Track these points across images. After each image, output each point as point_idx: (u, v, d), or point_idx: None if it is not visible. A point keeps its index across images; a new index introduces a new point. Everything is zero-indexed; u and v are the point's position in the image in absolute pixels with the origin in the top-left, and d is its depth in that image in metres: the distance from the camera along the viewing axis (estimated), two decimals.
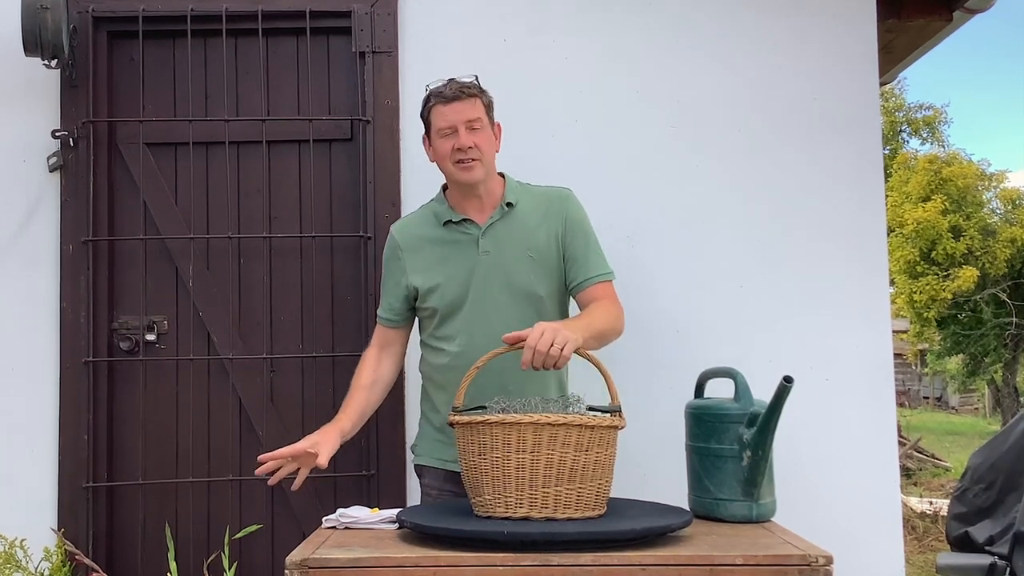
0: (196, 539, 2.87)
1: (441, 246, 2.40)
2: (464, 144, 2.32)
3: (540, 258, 2.37)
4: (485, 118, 2.37)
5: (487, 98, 2.40)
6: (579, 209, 2.44)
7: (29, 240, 2.92)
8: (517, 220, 2.39)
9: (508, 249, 2.37)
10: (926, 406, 25.73)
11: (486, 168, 2.37)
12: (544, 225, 2.39)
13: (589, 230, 2.44)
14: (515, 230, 2.38)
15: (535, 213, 2.40)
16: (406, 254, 2.42)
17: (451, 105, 2.34)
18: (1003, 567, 2.91)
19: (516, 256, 2.37)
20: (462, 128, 2.33)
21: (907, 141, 19.82)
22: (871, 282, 2.93)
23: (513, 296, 2.35)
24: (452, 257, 2.38)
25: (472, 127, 2.34)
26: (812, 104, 2.97)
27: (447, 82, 2.37)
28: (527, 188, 2.46)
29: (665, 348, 2.88)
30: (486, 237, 2.37)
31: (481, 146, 2.34)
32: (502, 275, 2.36)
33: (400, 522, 2.01)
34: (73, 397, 2.87)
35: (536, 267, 2.37)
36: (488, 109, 2.39)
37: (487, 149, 2.37)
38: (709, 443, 2.16)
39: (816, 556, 1.77)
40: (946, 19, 3.59)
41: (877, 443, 2.88)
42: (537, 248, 2.37)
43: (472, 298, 2.36)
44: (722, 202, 2.94)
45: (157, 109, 3.02)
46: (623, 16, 2.98)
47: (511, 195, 2.41)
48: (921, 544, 7.03)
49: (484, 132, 2.36)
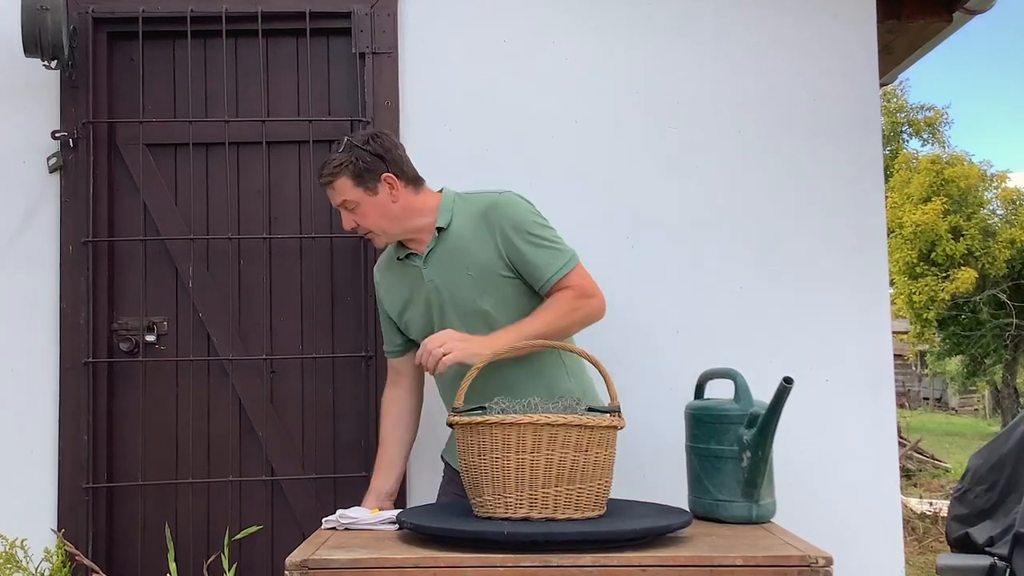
0: (196, 539, 2.87)
1: (402, 282, 2.44)
2: (347, 228, 2.40)
3: (479, 273, 2.33)
4: (354, 193, 2.32)
5: (355, 167, 2.31)
6: (511, 212, 2.32)
7: (29, 241, 2.92)
8: (452, 241, 2.36)
9: (449, 272, 2.36)
10: (926, 407, 25.74)
11: (385, 234, 2.38)
12: (480, 239, 2.33)
13: (530, 228, 2.31)
14: (451, 252, 2.36)
15: (469, 229, 2.35)
16: (382, 291, 2.50)
17: (326, 191, 2.39)
18: (1003, 568, 2.91)
19: (457, 277, 2.35)
20: (341, 210, 2.38)
21: (908, 142, 19.84)
22: (871, 283, 2.93)
23: (463, 316, 2.34)
24: (410, 291, 2.42)
25: (346, 207, 2.35)
26: (812, 105, 2.97)
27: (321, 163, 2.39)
28: (465, 201, 2.39)
29: (665, 348, 2.88)
30: (428, 266, 2.38)
31: (362, 223, 2.36)
32: (449, 298, 2.36)
33: (400, 523, 2.01)
34: (73, 398, 2.87)
35: (476, 283, 2.33)
36: (360, 178, 2.31)
37: (375, 220, 2.34)
38: (709, 444, 2.16)
39: (816, 557, 1.77)
40: (946, 20, 3.59)
41: (877, 444, 2.88)
42: (475, 264, 2.33)
43: (435, 327, 2.37)
44: (722, 202, 2.94)
45: (157, 110, 3.02)
46: (623, 17, 2.98)
47: (443, 217, 2.36)
48: (921, 545, 7.03)
49: (361, 207, 2.33)
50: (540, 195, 2.90)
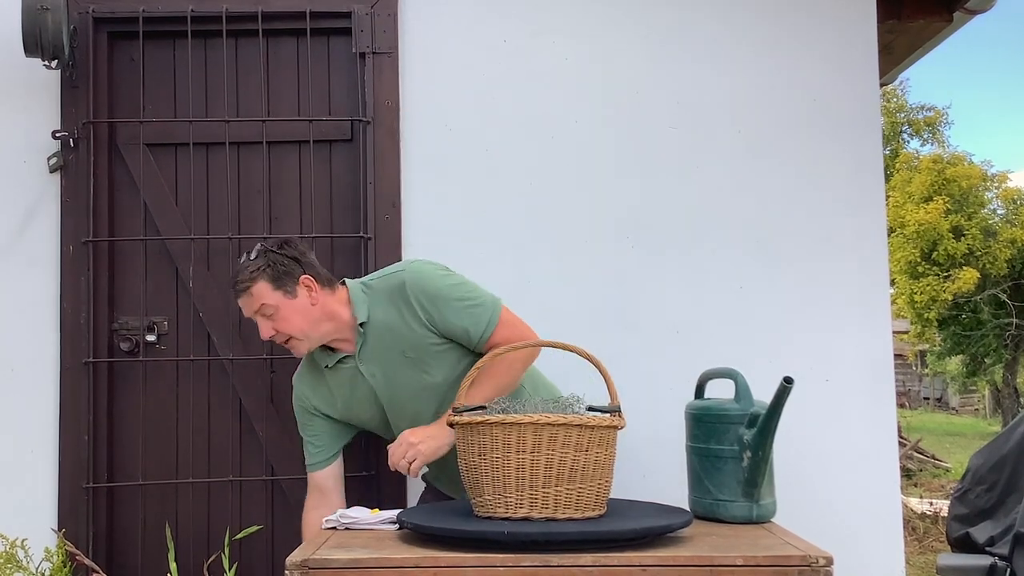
0: (196, 539, 2.87)
1: (338, 387, 2.43)
2: (264, 336, 2.36)
3: (417, 353, 2.34)
4: (273, 297, 2.31)
5: (273, 270, 2.31)
6: (423, 285, 2.32)
7: (29, 241, 2.92)
8: (378, 331, 2.35)
9: (387, 361, 2.36)
10: (926, 407, 25.73)
11: (307, 339, 2.35)
12: (404, 321, 2.33)
13: (446, 295, 2.32)
14: (382, 341, 2.35)
15: (391, 314, 2.34)
16: (314, 401, 2.47)
17: (237, 301, 2.36)
18: (1003, 568, 2.91)
19: (396, 363, 2.35)
20: (257, 318, 2.34)
21: (908, 142, 19.84)
22: (871, 282, 2.93)
23: (413, 398, 2.36)
24: (351, 392, 2.42)
25: (264, 314, 2.32)
26: (812, 105, 2.97)
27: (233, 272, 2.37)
28: (373, 290, 2.38)
29: (665, 348, 2.88)
30: (364, 363, 2.38)
31: (283, 329, 2.33)
32: (395, 385, 2.37)
33: (400, 523, 2.01)
34: (73, 398, 2.87)
35: (417, 362, 2.35)
36: (278, 281, 2.31)
37: (292, 326, 2.32)
38: (709, 444, 2.16)
39: (816, 557, 1.77)
40: (946, 20, 3.60)
41: (877, 444, 2.88)
42: (410, 346, 2.34)
43: (391, 416, 2.40)
44: (722, 202, 2.94)
45: (157, 110, 3.02)
46: (623, 17, 2.98)
47: (361, 311, 2.35)
48: (921, 545, 7.02)
49: (280, 311, 2.31)
50: (540, 195, 2.93)
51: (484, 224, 2.92)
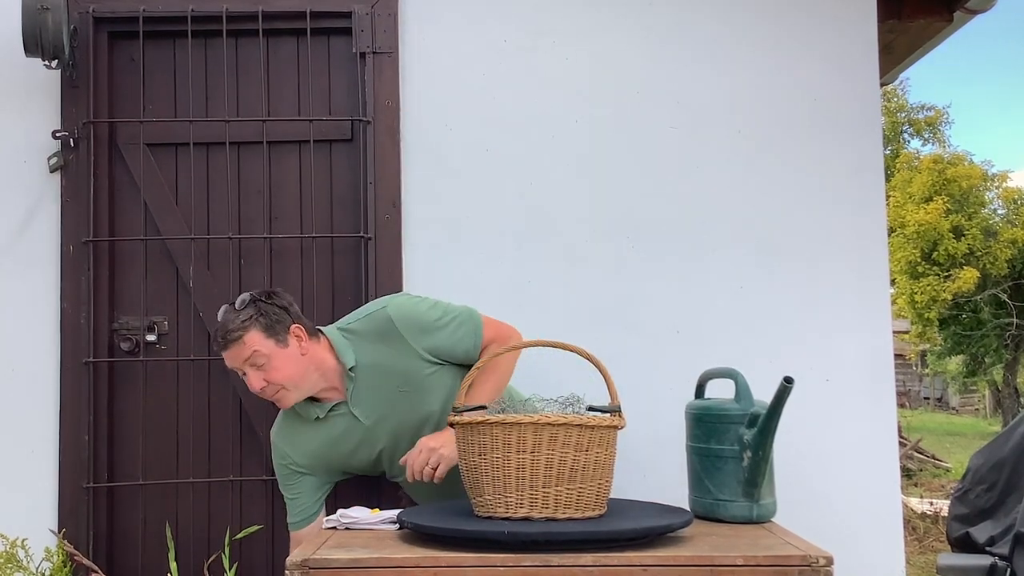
0: (196, 539, 2.87)
1: (328, 438, 2.42)
2: (254, 388, 2.29)
3: (411, 386, 2.35)
4: (266, 346, 2.26)
5: (266, 319, 2.27)
6: (409, 319, 2.35)
7: (30, 241, 2.92)
8: (368, 374, 2.36)
9: (382, 401, 2.37)
10: (926, 407, 25.73)
11: (297, 389, 2.32)
12: (395, 356, 2.34)
13: (432, 322, 2.35)
14: (374, 382, 2.36)
15: (379, 353, 2.35)
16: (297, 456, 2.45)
17: (225, 352, 2.29)
18: (1004, 568, 2.90)
19: (393, 401, 2.36)
20: (247, 369, 2.28)
21: (908, 141, 19.84)
22: (871, 282, 2.93)
23: (413, 430, 2.37)
24: (344, 440, 2.41)
25: (255, 364, 2.26)
26: (812, 105, 2.97)
27: (219, 323, 2.30)
28: (354, 334, 2.38)
29: (665, 348, 2.88)
30: (357, 406, 2.38)
31: (275, 379, 2.28)
32: (395, 422, 2.38)
33: (401, 522, 2.01)
34: (73, 397, 2.87)
35: (413, 395, 2.36)
36: (270, 330, 2.27)
37: (284, 376, 2.28)
38: (709, 444, 2.16)
39: (816, 557, 1.77)
40: (946, 19, 3.60)
41: (877, 444, 2.88)
42: (404, 380, 2.35)
43: (386, 454, 2.42)
44: (722, 202, 2.94)
45: (157, 110, 3.02)
46: (623, 17, 2.98)
47: (346, 358, 2.34)
48: (922, 545, 7.02)
49: (273, 361, 2.26)
50: (540, 195, 2.93)
51: (484, 224, 2.92)
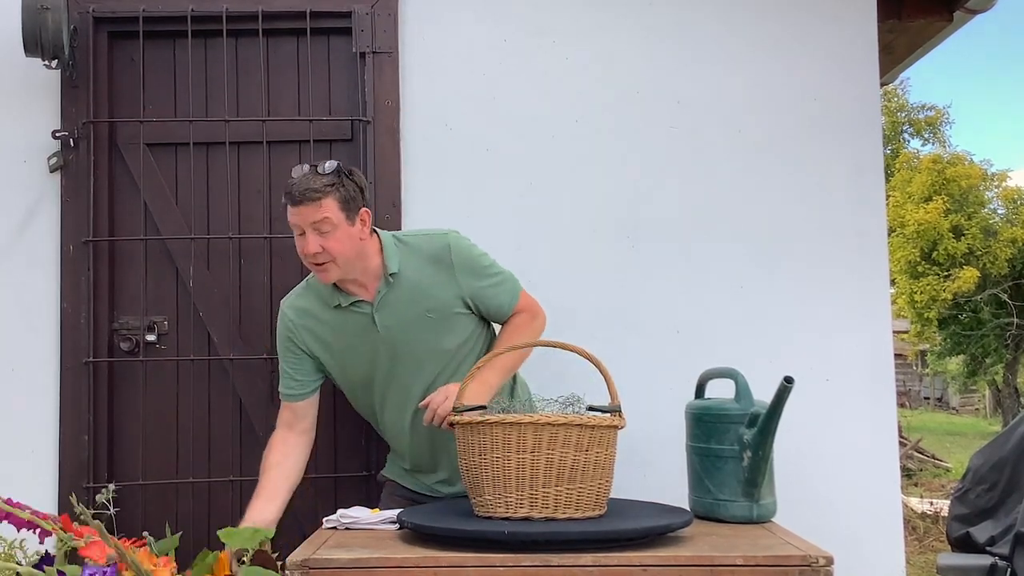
0: (196, 539, 2.86)
1: (341, 329, 2.39)
2: (309, 251, 2.26)
3: (440, 316, 2.35)
4: (337, 216, 2.24)
5: (343, 192, 2.25)
6: (465, 256, 2.37)
7: (29, 241, 2.92)
8: (406, 286, 2.35)
9: (406, 317, 2.35)
10: (927, 406, 25.72)
11: (342, 268, 2.29)
12: (437, 282, 2.35)
13: (484, 270, 2.39)
14: (407, 296, 2.35)
15: (423, 272, 2.36)
16: (305, 334, 2.42)
17: (296, 208, 2.24)
18: (1004, 568, 2.91)
19: (415, 321, 2.35)
20: (309, 231, 2.24)
21: (908, 141, 19.85)
22: (871, 282, 2.93)
23: (419, 359, 2.36)
24: (352, 338, 2.38)
25: (319, 229, 2.24)
26: (812, 104, 2.97)
27: (298, 179, 2.26)
28: (406, 246, 2.39)
29: (665, 348, 2.88)
30: (381, 311, 2.35)
31: (331, 249, 2.24)
32: (405, 342, 2.36)
33: (401, 522, 2.01)
34: (73, 397, 2.87)
35: (437, 324, 2.35)
36: (345, 204, 2.25)
37: (340, 250, 2.26)
38: (709, 443, 2.16)
39: (816, 557, 1.77)
40: (946, 19, 3.60)
41: (877, 444, 2.88)
42: (435, 307, 2.35)
43: (380, 375, 2.39)
44: (722, 202, 2.94)
45: (157, 109, 3.02)
46: (623, 17, 2.98)
47: (391, 263, 2.34)
48: (922, 545, 7.03)
49: (336, 232, 2.24)
50: (540, 195, 2.93)
51: (484, 224, 2.91)
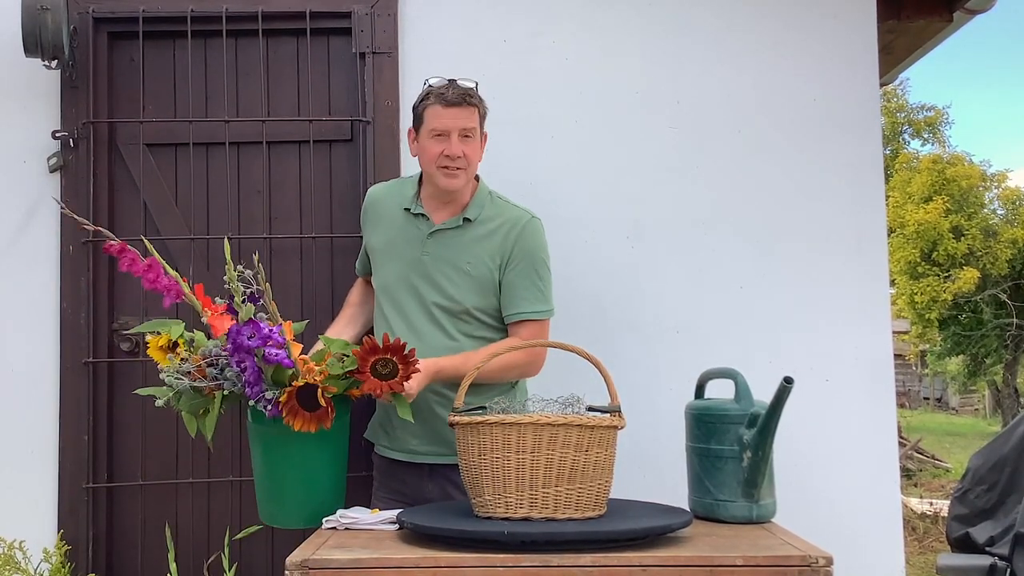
0: (196, 540, 2.87)
1: (395, 229, 2.46)
2: (454, 153, 2.33)
3: (478, 273, 2.37)
4: (479, 128, 2.38)
5: (484, 108, 2.40)
6: (534, 239, 2.41)
7: (29, 241, 2.92)
8: (468, 234, 2.39)
9: (447, 258, 2.38)
10: (926, 407, 25.72)
11: (469, 177, 2.38)
12: (493, 245, 2.38)
13: (537, 263, 2.40)
14: (462, 242, 2.39)
15: (490, 231, 2.39)
16: (372, 213, 2.52)
17: (450, 110, 2.32)
18: (1004, 568, 2.90)
19: (453, 266, 2.38)
20: (455, 135, 2.33)
21: (908, 142, 19.84)
22: (871, 283, 2.93)
23: (436, 304, 2.38)
24: (399, 245, 2.44)
25: (465, 135, 2.34)
26: (812, 105, 2.97)
27: (449, 83, 2.35)
28: (496, 203, 2.45)
29: (665, 348, 2.88)
30: (432, 239, 2.40)
31: (469, 156, 2.35)
32: (430, 281, 2.39)
33: (400, 523, 2.01)
34: (73, 398, 2.87)
35: (470, 280, 2.37)
36: (483, 119, 2.40)
37: (474, 160, 2.38)
38: (709, 444, 2.16)
39: (816, 557, 1.77)
40: (946, 20, 3.60)
41: (877, 444, 2.88)
42: (477, 264, 2.37)
43: (401, 293, 2.41)
44: (722, 202, 2.94)
45: (157, 110, 3.02)
46: (623, 17, 2.98)
47: (474, 210, 2.40)
48: (921, 545, 7.03)
49: (474, 142, 2.37)
50: (540, 195, 2.92)
51: None
